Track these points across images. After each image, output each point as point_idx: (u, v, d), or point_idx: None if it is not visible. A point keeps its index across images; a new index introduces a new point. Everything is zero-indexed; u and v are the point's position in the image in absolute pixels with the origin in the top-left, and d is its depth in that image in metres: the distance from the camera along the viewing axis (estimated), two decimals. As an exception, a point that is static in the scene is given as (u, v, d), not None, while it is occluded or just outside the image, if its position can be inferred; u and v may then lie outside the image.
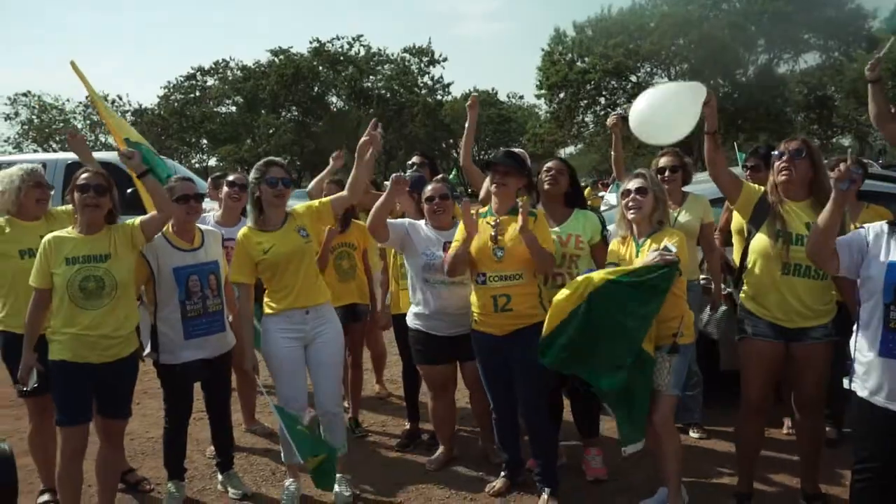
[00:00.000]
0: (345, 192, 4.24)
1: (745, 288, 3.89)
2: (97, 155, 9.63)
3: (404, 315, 4.72)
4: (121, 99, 44.96)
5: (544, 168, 4.52)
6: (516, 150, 4.67)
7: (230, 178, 5.17)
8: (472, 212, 4.02)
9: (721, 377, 5.10)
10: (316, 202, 4.30)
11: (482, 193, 4.96)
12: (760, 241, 3.74)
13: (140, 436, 5.24)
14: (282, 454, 4.33)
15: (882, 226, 3.12)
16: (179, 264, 4.04)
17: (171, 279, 4.03)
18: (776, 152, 3.79)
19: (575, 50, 35.79)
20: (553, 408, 4.45)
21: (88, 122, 46.47)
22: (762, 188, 3.85)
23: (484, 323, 4.10)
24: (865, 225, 3.22)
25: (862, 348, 3.08)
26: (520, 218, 3.84)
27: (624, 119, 4.97)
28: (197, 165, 41.36)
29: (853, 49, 33.00)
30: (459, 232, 4.14)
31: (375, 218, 4.28)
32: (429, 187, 4.57)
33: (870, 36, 31.58)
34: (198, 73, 43.34)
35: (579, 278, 3.71)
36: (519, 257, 3.95)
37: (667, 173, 4.86)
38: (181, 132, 42.61)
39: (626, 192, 3.87)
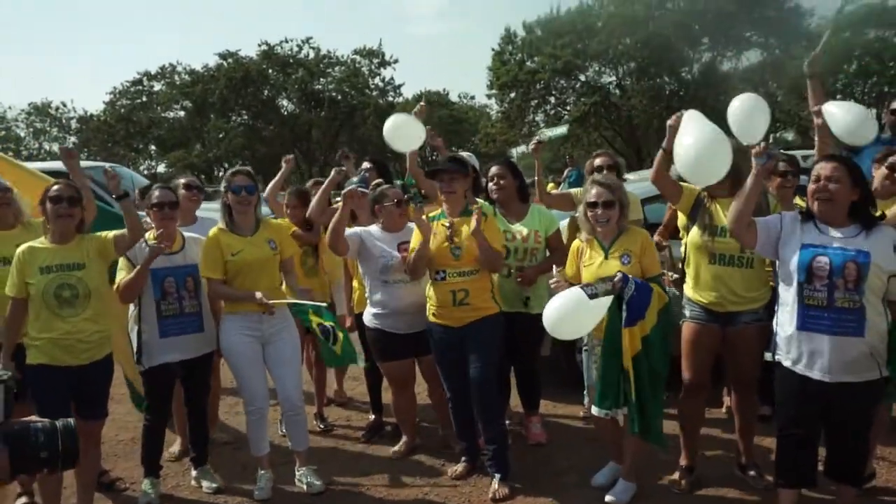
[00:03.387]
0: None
1: (687, 277, 4.22)
2: (44, 165, 9.61)
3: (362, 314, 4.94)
4: (65, 106, 44.17)
5: (489, 176, 4.82)
6: (460, 153, 4.96)
7: (184, 180, 5.30)
8: (424, 216, 4.29)
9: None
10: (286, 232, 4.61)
11: None
12: (693, 234, 4.09)
13: (111, 439, 5.36)
14: (251, 448, 4.52)
15: (795, 213, 3.48)
16: (155, 266, 4.20)
17: (148, 280, 4.20)
18: None
19: (525, 50, 36.16)
20: (500, 387, 4.71)
21: (31, 129, 45.60)
22: (699, 188, 4.17)
23: (442, 316, 4.37)
24: (781, 212, 3.58)
25: (783, 324, 3.45)
26: (473, 220, 4.11)
27: (540, 143, 5.36)
28: (146, 172, 40.64)
29: (793, 47, 34.02)
30: (415, 238, 4.38)
31: (334, 235, 4.47)
32: (388, 191, 4.77)
33: (808, 34, 32.57)
34: (144, 78, 42.57)
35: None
36: (475, 254, 4.23)
37: (604, 172, 5.15)
38: (128, 138, 41.83)
39: (593, 206, 4.01)
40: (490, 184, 4.86)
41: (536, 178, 5.52)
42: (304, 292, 4.55)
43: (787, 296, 3.42)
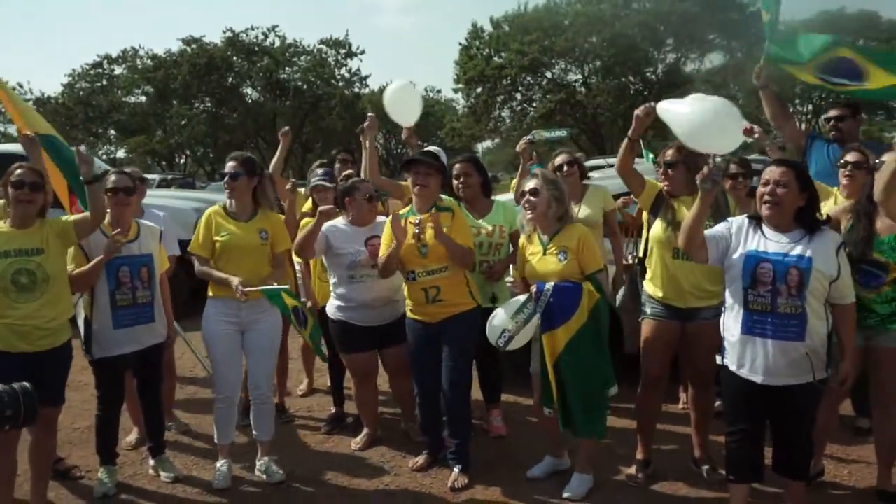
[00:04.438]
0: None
1: (647, 273, 4.30)
2: (6, 147, 9.40)
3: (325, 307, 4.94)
4: (21, 87, 42.96)
5: (454, 174, 4.83)
6: (433, 148, 4.96)
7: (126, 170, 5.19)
8: (401, 220, 4.27)
9: (625, 359, 5.51)
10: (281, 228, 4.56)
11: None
12: (655, 229, 4.17)
13: (66, 427, 5.29)
14: (215, 436, 4.50)
15: (744, 219, 3.56)
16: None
17: (103, 270, 4.14)
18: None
19: (492, 45, 36.25)
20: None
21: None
22: (661, 184, 4.26)
23: (417, 312, 4.39)
24: (730, 219, 3.65)
25: (729, 328, 3.54)
26: (428, 228, 4.14)
27: (532, 143, 5.37)
28: (104, 157, 39.90)
29: (755, 50, 34.56)
30: (386, 236, 4.37)
31: (305, 245, 4.49)
32: (360, 184, 4.73)
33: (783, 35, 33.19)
34: (105, 61, 41.74)
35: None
36: (442, 252, 4.22)
37: (564, 168, 5.22)
38: (87, 122, 41.01)
39: (522, 194, 4.18)
40: (455, 181, 4.88)
41: (518, 177, 5.50)
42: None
43: (733, 300, 3.51)
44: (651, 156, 10.06)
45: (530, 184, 4.16)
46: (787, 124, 5.14)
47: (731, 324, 3.52)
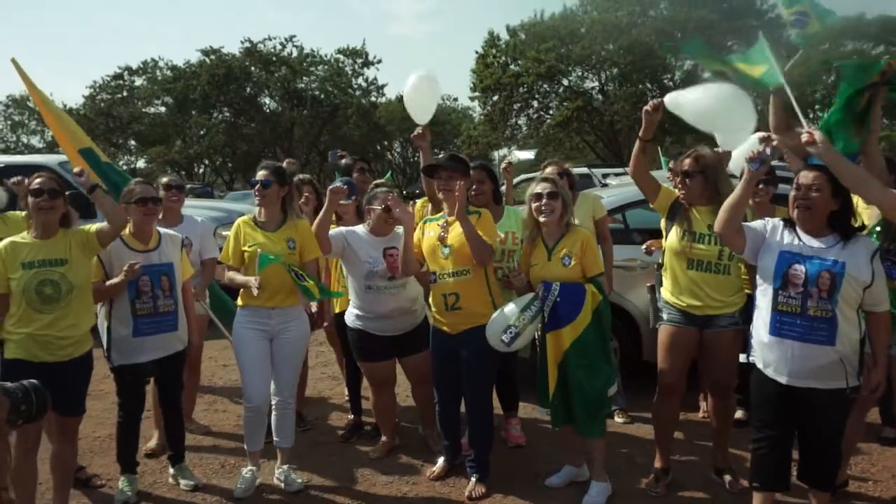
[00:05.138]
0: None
1: (663, 280, 4.28)
2: (23, 159, 9.54)
3: (343, 313, 4.95)
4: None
5: None
6: (458, 154, 4.96)
7: (165, 180, 5.29)
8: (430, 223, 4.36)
9: (644, 366, 5.49)
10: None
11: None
12: (671, 238, 4.15)
13: (87, 436, 5.32)
14: (246, 442, 4.51)
15: (779, 220, 3.54)
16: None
17: None
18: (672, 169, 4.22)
19: (508, 53, 36.26)
20: None
21: (10, 122, 45.04)
22: (678, 191, 4.24)
23: (438, 321, 4.39)
24: (766, 218, 3.64)
25: (758, 328, 3.51)
26: (451, 207, 4.18)
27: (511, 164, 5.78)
28: (125, 167, 40.33)
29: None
30: (415, 237, 4.40)
31: (318, 232, 4.47)
32: (381, 193, 4.68)
33: (788, 45, 33.04)
34: (125, 73, 42.23)
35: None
36: (465, 254, 4.20)
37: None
38: (108, 133, 41.41)
39: (538, 197, 4.15)
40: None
41: (505, 196, 5.49)
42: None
43: (763, 301, 3.48)
44: (666, 161, 10.00)
45: (545, 187, 4.14)
46: (786, 135, 5.07)
47: (760, 324, 3.49)
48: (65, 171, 7.32)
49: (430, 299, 4.45)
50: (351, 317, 4.79)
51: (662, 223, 4.38)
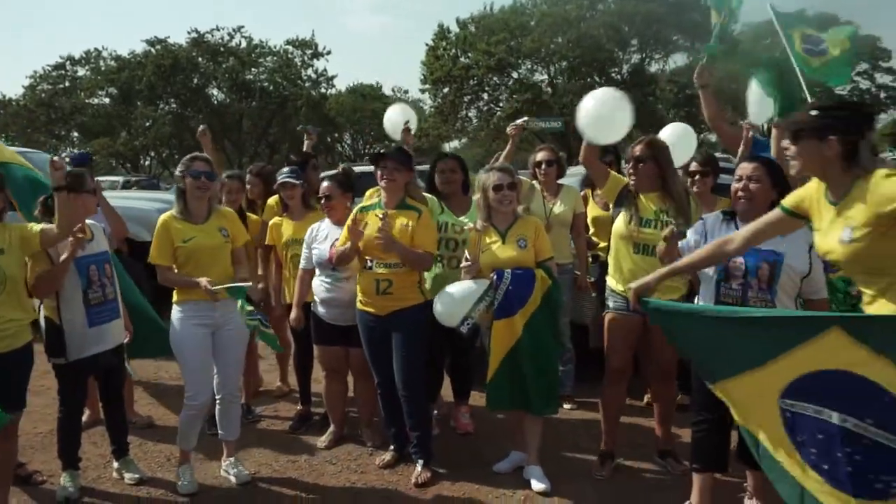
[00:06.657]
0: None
1: (609, 269, 4.36)
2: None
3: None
4: (-19, 89, 42.23)
5: (438, 170, 4.91)
6: (404, 146, 5.00)
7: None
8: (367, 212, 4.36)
9: (590, 354, 5.58)
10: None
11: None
12: (618, 223, 4.25)
13: (28, 432, 5.20)
14: (180, 441, 4.44)
15: (717, 214, 3.64)
16: (79, 255, 4.06)
17: (73, 269, 4.09)
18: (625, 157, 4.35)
19: (458, 46, 36.32)
20: (430, 379, 4.79)
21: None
22: (626, 178, 4.33)
23: (366, 303, 4.42)
24: (703, 217, 3.73)
25: None
26: (397, 224, 4.23)
27: (524, 129, 5.48)
28: (68, 159, 39.23)
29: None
30: (344, 234, 4.43)
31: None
32: (324, 185, 4.82)
33: (733, 40, 33.67)
34: (67, 63, 41.09)
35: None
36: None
37: (543, 167, 5.33)
38: (49, 124, 40.30)
39: (498, 188, 4.23)
40: (440, 176, 4.91)
41: (504, 158, 5.37)
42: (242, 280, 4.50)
43: (706, 292, 3.58)
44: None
45: (503, 177, 4.24)
46: (723, 126, 5.21)
47: None
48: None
49: (359, 284, 4.46)
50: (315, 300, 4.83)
51: (610, 210, 4.46)
